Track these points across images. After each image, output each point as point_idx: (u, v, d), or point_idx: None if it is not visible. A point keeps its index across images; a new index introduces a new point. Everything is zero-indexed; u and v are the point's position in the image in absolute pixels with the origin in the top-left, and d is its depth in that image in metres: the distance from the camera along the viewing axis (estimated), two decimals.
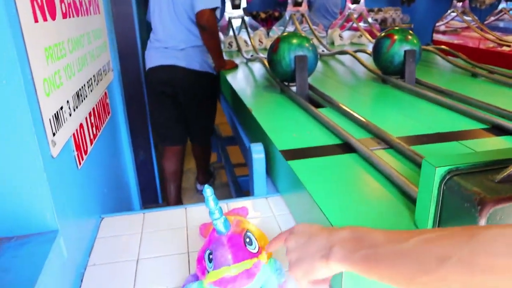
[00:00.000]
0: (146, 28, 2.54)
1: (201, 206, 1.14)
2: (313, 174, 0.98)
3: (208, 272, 0.72)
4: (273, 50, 1.72)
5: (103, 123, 1.28)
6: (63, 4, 0.95)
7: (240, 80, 2.20)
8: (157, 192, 2.77)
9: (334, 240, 0.58)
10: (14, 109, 0.68)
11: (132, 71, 2.40)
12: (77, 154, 0.96)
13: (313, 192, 0.89)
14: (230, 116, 2.11)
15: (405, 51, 1.78)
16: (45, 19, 0.82)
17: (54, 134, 0.79)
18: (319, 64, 2.51)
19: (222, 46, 3.19)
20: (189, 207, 1.13)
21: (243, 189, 2.50)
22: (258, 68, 2.40)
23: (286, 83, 1.78)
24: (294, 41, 1.70)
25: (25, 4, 0.71)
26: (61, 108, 0.86)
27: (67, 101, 0.91)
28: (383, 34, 1.89)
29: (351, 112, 1.36)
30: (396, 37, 1.81)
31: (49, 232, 0.76)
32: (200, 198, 2.89)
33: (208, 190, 0.70)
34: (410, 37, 1.82)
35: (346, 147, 1.13)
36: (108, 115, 1.38)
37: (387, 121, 1.34)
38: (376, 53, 1.88)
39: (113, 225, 1.08)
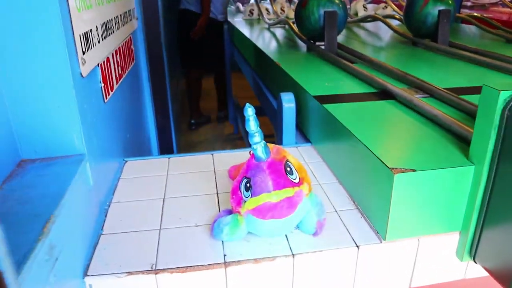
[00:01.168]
0: None
1: (229, 153, 1.09)
2: (351, 116, 0.92)
3: (245, 202, 0.67)
4: (302, 5, 1.65)
5: (128, 67, 1.23)
6: None
7: (264, 42, 2.13)
8: (173, 144, 2.70)
9: None
10: (45, 17, 0.63)
11: (153, 31, 2.34)
12: (104, 87, 0.91)
13: (354, 130, 0.83)
14: (252, 79, 2.05)
15: (439, 11, 1.69)
16: None
17: (84, 53, 0.74)
18: (344, 31, 2.43)
19: (243, 14, 3.12)
20: (216, 154, 1.08)
21: None
22: (281, 33, 2.33)
23: (313, 42, 1.71)
24: None
25: None
26: (91, 30, 0.81)
27: (96, 27, 0.86)
28: None
29: (386, 65, 1.29)
30: None
31: (76, 155, 0.72)
32: None
33: (249, 110, 0.65)
34: None
35: (383, 95, 1.07)
36: (133, 61, 1.33)
37: (421, 76, 1.27)
38: (408, 14, 1.80)
39: (137, 168, 1.03)
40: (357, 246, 0.71)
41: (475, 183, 0.68)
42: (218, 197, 0.88)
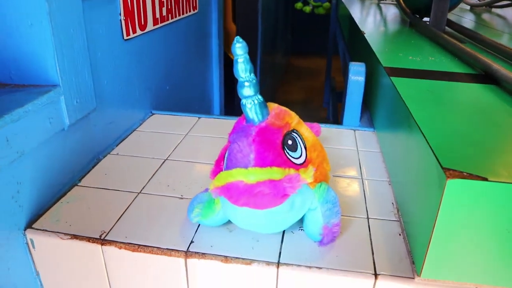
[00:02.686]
0: None
1: None
2: (423, 98, 0.66)
3: None
4: None
5: (181, 13, 1.08)
6: None
7: (362, 15, 1.85)
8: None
9: None
10: None
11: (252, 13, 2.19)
12: (125, 21, 0.77)
13: (417, 117, 0.58)
14: (343, 56, 1.80)
15: None
16: None
17: None
18: (470, 15, 2.03)
19: None
20: None
21: None
22: (389, 9, 2.02)
23: (419, 16, 1.41)
24: None
25: None
26: None
27: None
28: None
29: (507, 47, 0.97)
30: None
31: (47, 85, 0.59)
32: None
33: (238, 47, 0.44)
34: None
35: (485, 78, 0.78)
36: (194, 10, 1.18)
37: None
38: None
39: (160, 123, 0.89)
40: (375, 275, 0.48)
41: None
42: None
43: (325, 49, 4.51)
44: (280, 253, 0.51)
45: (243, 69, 0.44)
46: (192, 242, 0.53)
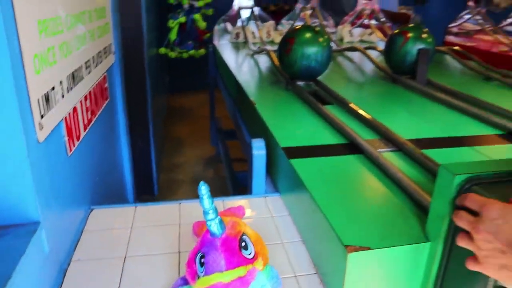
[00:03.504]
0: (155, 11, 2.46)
1: (196, 202, 1.07)
2: (317, 175, 0.92)
3: (199, 277, 0.66)
4: (286, 52, 1.63)
5: (100, 108, 1.22)
6: None
7: (245, 73, 2.13)
8: (153, 183, 2.71)
9: None
10: None
11: (135, 56, 2.33)
12: (68, 140, 0.90)
13: (316, 195, 0.83)
14: (232, 109, 2.05)
15: (418, 50, 1.71)
16: None
17: (42, 117, 0.73)
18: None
19: (229, 37, 3.13)
20: (183, 203, 1.07)
21: (240, 185, 2.44)
22: (264, 61, 2.33)
23: (292, 79, 1.72)
24: (307, 38, 1.61)
25: None
26: (53, 88, 0.80)
27: (60, 81, 0.85)
28: (396, 31, 1.81)
29: (359, 110, 1.29)
30: (410, 34, 1.74)
31: (30, 223, 0.71)
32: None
33: (203, 188, 0.64)
34: (424, 35, 1.74)
35: (353, 147, 1.07)
36: (106, 100, 1.32)
37: (396, 122, 1.28)
38: (388, 51, 1.81)
39: (103, 218, 1.02)
40: None
41: (430, 260, 0.68)
42: (179, 256, 0.87)
43: (202, 85, 4.77)
44: None
45: (207, 203, 0.64)
46: None
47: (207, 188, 0.65)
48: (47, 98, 0.76)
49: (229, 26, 3.23)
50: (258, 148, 1.15)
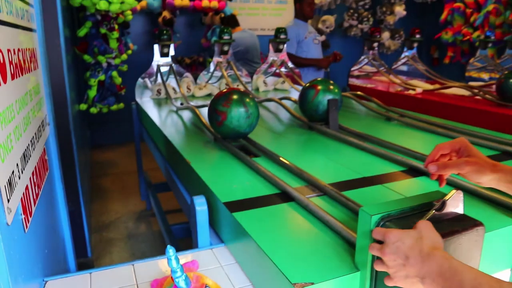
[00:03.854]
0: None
1: (149, 262, 1.15)
2: (258, 224, 1.05)
3: None
4: (218, 123, 1.73)
5: (43, 181, 1.26)
6: (11, 66, 0.95)
7: (173, 129, 2.24)
8: (86, 245, 2.66)
9: (426, 272, 0.67)
10: None
11: (61, 120, 2.33)
12: (24, 218, 0.94)
13: (260, 242, 0.95)
14: (163, 163, 2.13)
15: (328, 100, 1.95)
16: None
17: (8, 201, 0.78)
18: None
19: (150, 93, 3.22)
20: (136, 264, 1.13)
21: (177, 238, 2.49)
22: (188, 116, 2.46)
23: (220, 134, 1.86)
24: (238, 114, 1.69)
25: None
26: (13, 172, 0.85)
27: (17, 164, 0.91)
28: (307, 84, 2.05)
29: (285, 161, 1.46)
30: (319, 87, 1.98)
31: None
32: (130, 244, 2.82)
33: (170, 251, 0.74)
34: (332, 87, 2.00)
35: (285, 196, 1.21)
36: (47, 171, 1.35)
37: (317, 168, 1.46)
38: (302, 102, 2.03)
39: None
40: None
41: (362, 285, 0.83)
42: None
43: (125, 138, 4.76)
44: None
45: (175, 263, 0.74)
46: None
47: (174, 250, 0.75)
48: (10, 183, 0.82)
49: (148, 82, 3.33)
50: (200, 205, 1.25)
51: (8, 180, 0.81)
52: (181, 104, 2.70)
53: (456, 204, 0.79)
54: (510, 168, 0.84)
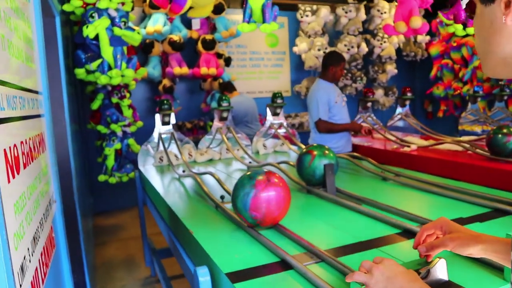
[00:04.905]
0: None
1: None
2: None
3: None
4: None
5: (51, 258, 1.31)
6: (23, 156, 1.04)
7: (175, 198, 2.31)
8: None
9: None
10: None
11: (67, 194, 2.42)
12: None
13: None
14: (166, 230, 2.18)
15: (324, 165, 2.03)
16: (13, 176, 0.91)
17: (20, 286, 0.84)
18: None
19: (153, 160, 3.32)
20: None
21: None
22: (190, 183, 2.54)
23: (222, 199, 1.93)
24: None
25: (2, 170, 0.81)
26: (24, 257, 0.92)
27: (28, 248, 0.97)
28: (304, 150, 2.14)
29: (284, 228, 1.51)
30: (315, 152, 2.07)
31: None
32: None
33: None
34: (327, 152, 2.09)
35: (284, 264, 1.26)
36: (54, 248, 1.41)
37: (316, 232, 1.52)
38: (300, 167, 2.12)
39: None
40: None
41: None
42: None
43: (128, 203, 4.80)
44: None
45: None
46: None
47: None
48: (22, 268, 0.88)
49: (151, 149, 3.44)
50: (203, 275, 1.30)
51: (21, 266, 0.87)
52: (183, 171, 2.78)
53: (440, 271, 0.85)
54: (493, 238, 0.92)
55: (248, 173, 1.56)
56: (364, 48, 6.37)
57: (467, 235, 0.93)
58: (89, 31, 3.54)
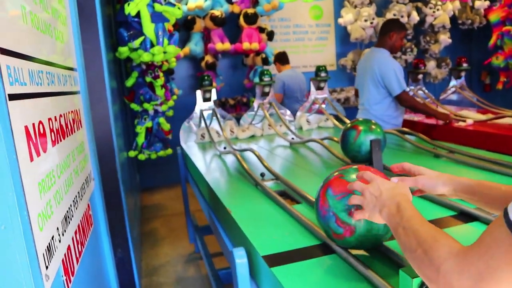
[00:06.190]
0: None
1: None
2: (297, 280, 1.02)
3: None
4: None
5: (87, 237, 1.30)
6: (52, 133, 1.01)
7: (215, 175, 2.26)
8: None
9: (384, 204, 0.89)
10: (11, 253, 0.71)
11: (108, 169, 2.42)
12: (66, 279, 0.96)
13: None
14: (206, 208, 2.14)
15: (370, 141, 1.90)
16: (38, 155, 0.87)
17: (47, 268, 0.81)
18: (290, 152, 2.62)
19: (195, 137, 3.30)
20: None
21: (224, 282, 2.46)
22: (231, 160, 2.48)
23: (262, 176, 1.86)
24: None
25: (22, 149, 0.77)
26: (52, 237, 0.88)
27: (57, 228, 0.94)
28: (348, 125, 2.02)
29: None
30: (361, 128, 1.94)
31: None
32: None
33: None
34: (373, 126, 1.95)
35: (325, 248, 1.18)
36: (91, 226, 1.39)
37: None
38: (344, 143, 2.00)
39: None
40: None
41: None
42: None
43: (172, 180, 4.86)
44: None
45: None
46: None
47: None
48: (49, 249, 0.85)
49: (193, 126, 3.41)
50: (240, 257, 1.24)
51: (48, 246, 0.84)
52: (224, 148, 2.73)
53: None
54: (461, 179, 0.99)
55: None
56: (415, 17, 5.99)
57: (437, 174, 1.03)
58: (130, 9, 3.52)
